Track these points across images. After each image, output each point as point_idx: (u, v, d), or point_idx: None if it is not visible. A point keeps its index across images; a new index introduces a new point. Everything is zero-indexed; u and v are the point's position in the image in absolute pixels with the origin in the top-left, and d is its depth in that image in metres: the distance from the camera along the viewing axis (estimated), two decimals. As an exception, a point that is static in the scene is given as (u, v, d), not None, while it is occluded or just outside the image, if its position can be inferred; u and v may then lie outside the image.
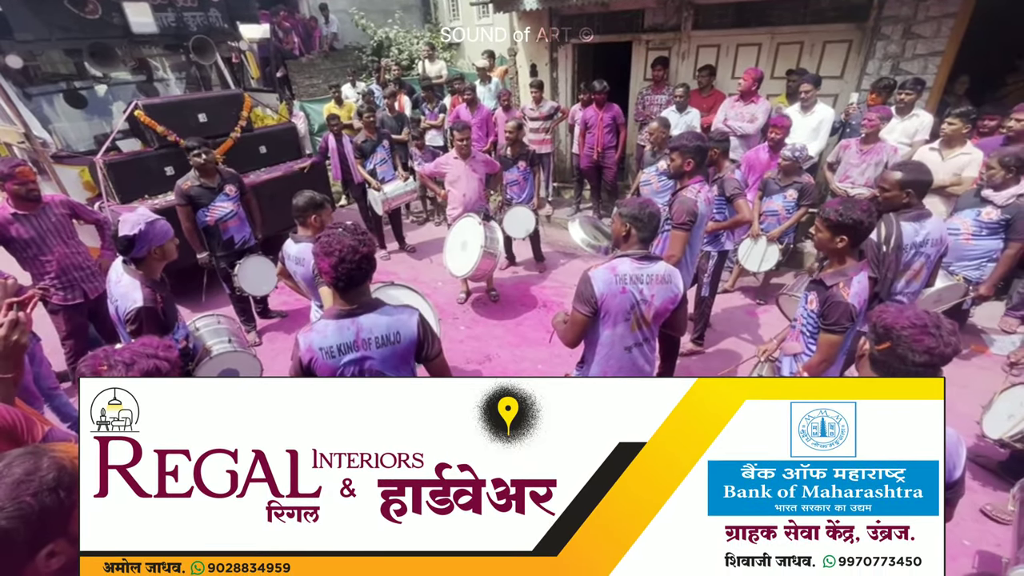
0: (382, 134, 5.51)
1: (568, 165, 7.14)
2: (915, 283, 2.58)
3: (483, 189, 4.36)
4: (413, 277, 5.30)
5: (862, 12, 4.84)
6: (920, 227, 2.46)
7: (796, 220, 4.09)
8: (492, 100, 6.74)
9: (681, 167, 2.79)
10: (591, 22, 6.34)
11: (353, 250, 1.56)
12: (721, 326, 4.17)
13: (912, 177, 2.47)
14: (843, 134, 4.68)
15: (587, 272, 2.04)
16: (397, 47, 10.40)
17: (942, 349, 1.27)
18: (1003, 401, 2.49)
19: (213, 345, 2.76)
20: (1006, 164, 3.10)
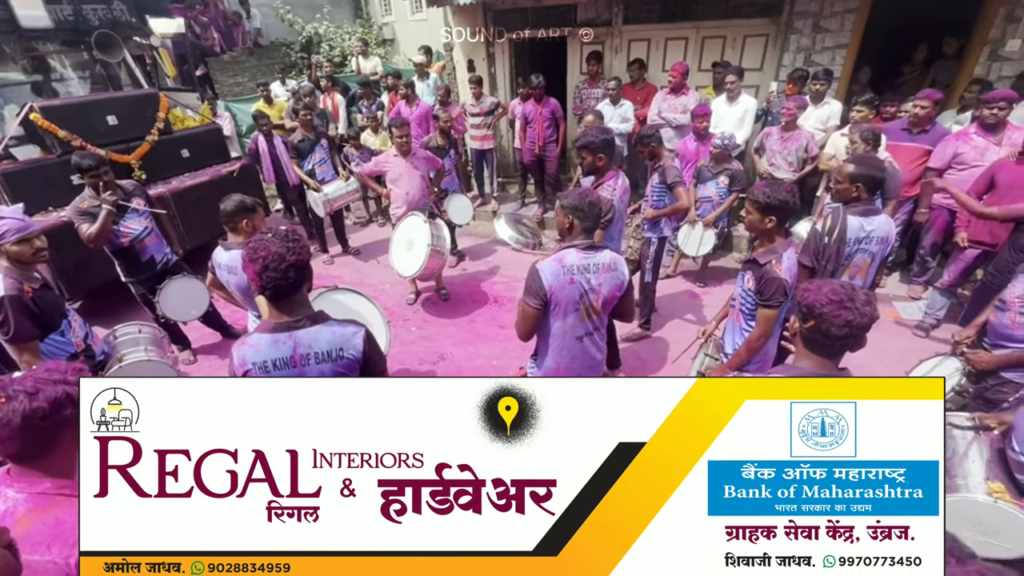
0: (320, 133, 5.29)
1: (511, 160, 7.16)
2: (858, 279, 2.57)
3: (426, 186, 4.29)
4: (359, 280, 5.14)
5: (776, 8, 5.16)
6: (867, 223, 2.48)
7: (729, 205, 4.31)
8: (431, 96, 6.63)
9: (593, 163, 2.83)
10: (525, 17, 6.38)
11: (279, 257, 1.44)
12: (666, 310, 4.34)
13: (863, 172, 2.48)
14: (765, 122, 4.99)
15: (534, 265, 2.05)
16: (328, 43, 9.99)
17: (859, 320, 1.34)
18: (934, 372, 2.58)
19: (127, 354, 2.56)
20: (865, 138, 3.43)
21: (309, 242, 5.71)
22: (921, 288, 4.27)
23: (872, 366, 3.20)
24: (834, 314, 1.34)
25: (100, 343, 2.58)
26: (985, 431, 1.94)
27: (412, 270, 4.06)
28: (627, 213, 3.01)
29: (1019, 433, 1.82)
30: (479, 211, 6.47)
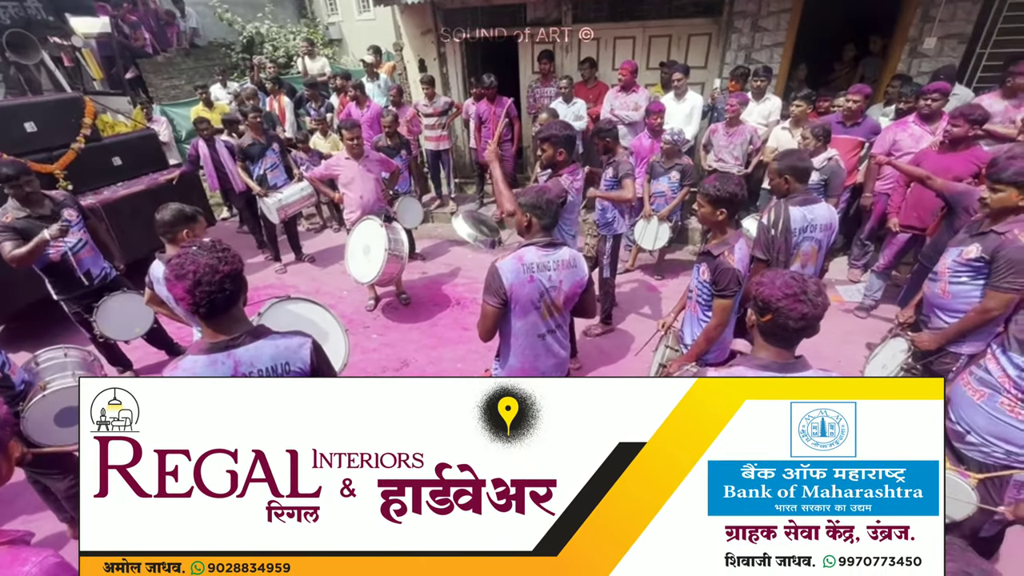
0: (271, 136, 5.04)
1: (467, 160, 7.11)
2: (809, 267, 2.73)
3: (381, 189, 4.18)
4: (314, 289, 4.96)
5: (716, 8, 5.36)
6: (808, 212, 2.62)
7: (681, 199, 4.43)
8: (382, 97, 6.49)
9: (554, 156, 2.86)
10: (476, 16, 6.34)
11: (212, 270, 1.31)
12: (626, 304, 4.41)
13: (786, 164, 2.65)
14: (711, 118, 5.16)
15: (494, 264, 2.03)
16: (271, 43, 9.62)
17: (813, 311, 1.37)
18: (883, 352, 2.76)
19: (51, 381, 2.34)
20: (816, 134, 3.63)
21: (261, 251, 5.52)
22: (860, 272, 4.53)
23: (819, 348, 3.36)
24: (790, 308, 1.36)
25: (19, 371, 2.35)
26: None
27: (370, 276, 3.95)
28: (580, 206, 3.03)
29: (954, 404, 1.94)
30: (437, 213, 6.39)
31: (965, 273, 2.40)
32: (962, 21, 4.78)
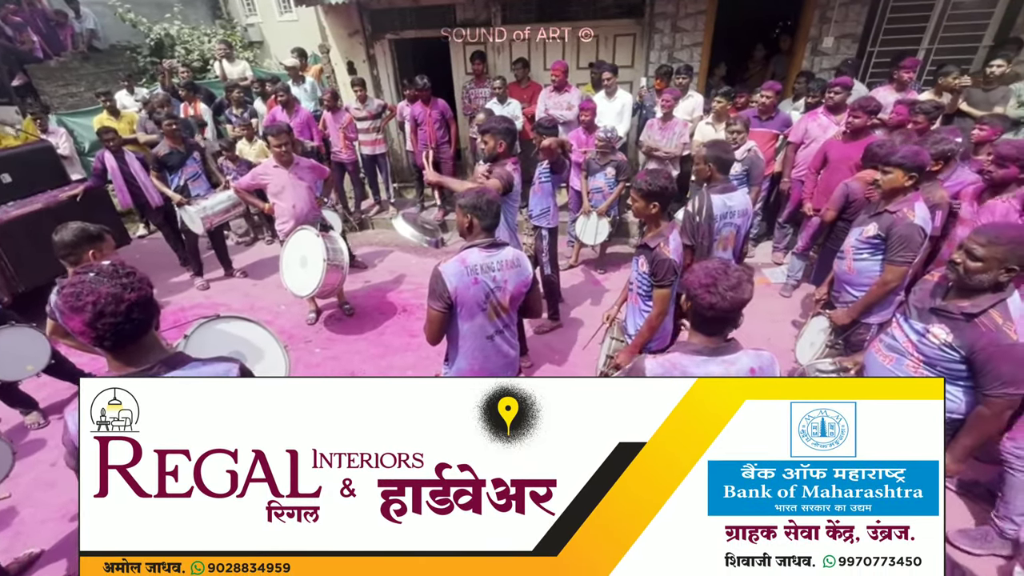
0: (191, 144, 4.68)
1: (405, 164, 6.98)
2: (728, 250, 2.94)
3: (314, 197, 4.01)
4: (248, 305, 4.69)
5: (639, 9, 5.58)
6: (728, 199, 2.82)
7: (617, 194, 4.57)
8: (310, 101, 6.23)
9: (495, 148, 2.93)
10: (404, 17, 6.24)
11: (115, 299, 1.16)
12: (572, 299, 4.50)
13: (713, 153, 2.84)
14: (641, 115, 5.37)
15: (437, 268, 2.00)
16: (183, 46, 8.96)
17: (721, 304, 1.42)
18: (808, 331, 2.99)
19: None
20: (737, 130, 3.90)
21: (186, 267, 5.13)
22: (782, 254, 4.88)
23: (750, 329, 3.57)
24: (701, 297, 1.43)
25: None
26: (844, 372, 2.25)
27: (309, 288, 3.78)
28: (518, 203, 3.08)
29: (868, 370, 2.13)
30: (377, 219, 6.23)
31: (866, 250, 2.66)
32: (853, 22, 5.26)
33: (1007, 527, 2.19)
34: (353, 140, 5.73)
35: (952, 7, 5.13)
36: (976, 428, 1.83)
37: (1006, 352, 1.68)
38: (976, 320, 1.73)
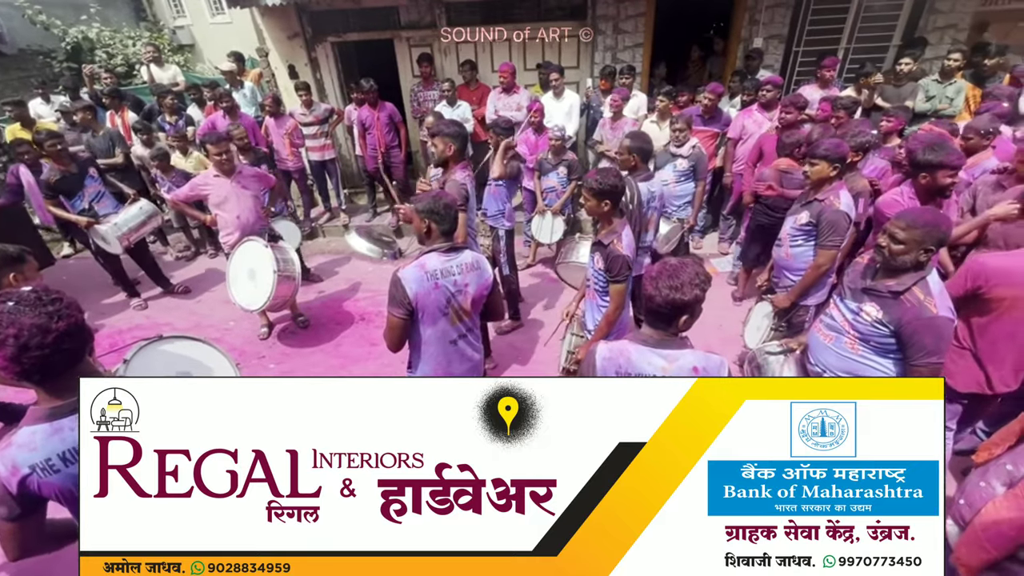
0: (85, 161, 4.25)
1: (355, 169, 6.81)
2: (651, 231, 3.18)
3: (260, 207, 3.85)
4: (194, 324, 4.43)
5: (581, 12, 5.70)
6: (650, 186, 3.03)
7: (571, 193, 4.64)
8: (250, 107, 5.97)
9: (444, 152, 2.91)
10: (346, 19, 6.09)
11: (41, 330, 1.07)
12: (532, 298, 4.55)
13: (636, 144, 3.05)
14: (589, 115, 5.49)
15: (396, 274, 1.97)
16: (104, 50, 8.38)
17: (656, 297, 1.46)
18: (753, 316, 3.17)
19: None
20: (679, 128, 4.07)
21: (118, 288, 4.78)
22: (728, 244, 5.13)
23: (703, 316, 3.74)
24: (644, 286, 1.50)
25: None
26: (791, 352, 2.40)
27: (259, 302, 3.62)
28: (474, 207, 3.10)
29: (811, 349, 2.28)
30: (328, 227, 6.05)
31: (800, 237, 2.85)
32: (779, 24, 5.60)
33: None
34: (299, 146, 5.55)
35: (864, 10, 5.57)
36: None
37: (927, 324, 1.84)
38: (902, 297, 1.89)
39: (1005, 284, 1.90)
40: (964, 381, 2.17)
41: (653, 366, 1.52)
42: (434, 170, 4.34)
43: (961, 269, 2.02)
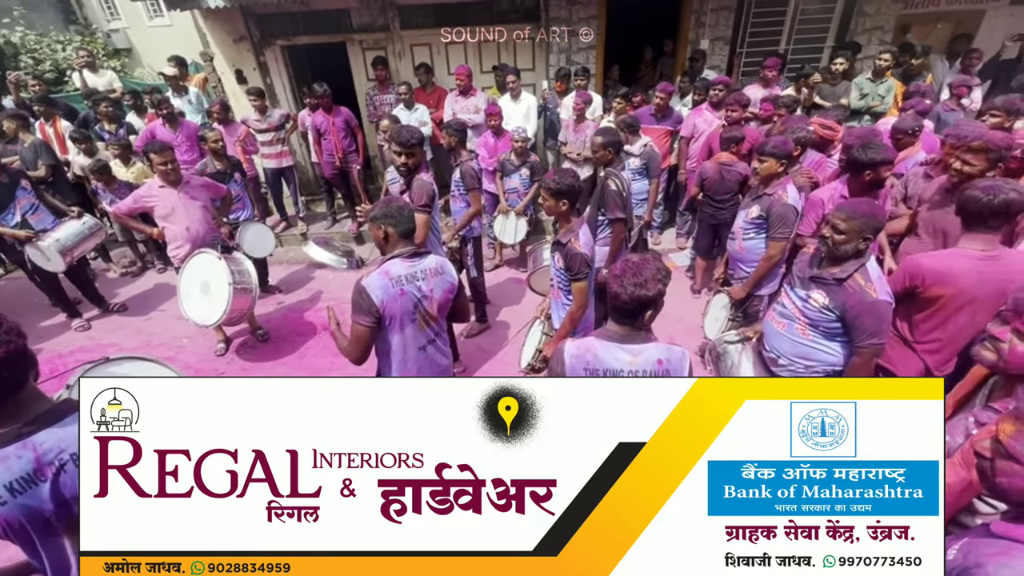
0: (13, 173, 3.98)
1: (312, 176, 6.64)
2: None
3: (211, 217, 3.69)
4: (143, 343, 4.21)
5: (535, 14, 5.76)
6: (629, 177, 3.17)
7: (534, 193, 4.67)
8: (195, 114, 5.73)
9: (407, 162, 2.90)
10: (295, 22, 5.93)
11: None
12: (498, 300, 4.56)
13: (608, 139, 3.16)
14: (546, 116, 5.55)
15: (360, 282, 1.94)
16: (30, 55, 7.84)
17: (621, 294, 1.50)
18: (712, 308, 3.28)
19: None
20: (622, 127, 4.19)
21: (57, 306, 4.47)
22: (684, 239, 5.30)
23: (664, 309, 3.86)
24: (609, 284, 1.55)
25: None
26: (748, 341, 2.50)
27: (214, 316, 3.48)
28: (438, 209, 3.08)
29: (766, 336, 2.39)
30: (286, 236, 5.87)
31: (752, 230, 2.99)
32: (724, 26, 5.84)
33: None
34: (252, 154, 5.36)
35: (800, 13, 5.89)
36: (852, 376, 2.12)
37: (869, 308, 1.96)
38: (845, 283, 2.01)
39: (939, 284, 2.04)
40: (905, 369, 2.31)
41: (619, 361, 1.56)
42: (391, 174, 4.30)
43: (900, 268, 2.14)
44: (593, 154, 3.28)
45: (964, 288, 2.02)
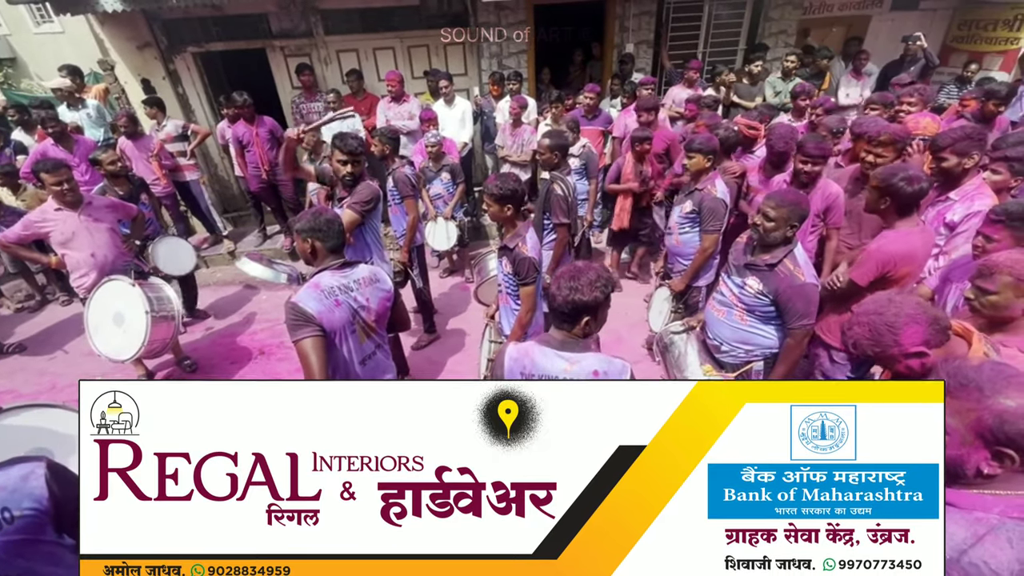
0: None
1: (236, 191, 6.23)
2: None
3: (120, 240, 3.34)
4: (48, 386, 3.75)
5: (463, 20, 5.73)
6: (573, 180, 3.18)
7: (459, 197, 4.57)
8: (97, 128, 5.21)
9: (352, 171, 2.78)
10: (207, 28, 5.55)
11: None
12: (445, 309, 4.46)
13: (555, 142, 3.19)
14: (482, 121, 5.53)
15: (290, 300, 1.82)
16: None
17: (557, 296, 1.50)
18: (655, 302, 3.37)
19: None
20: (570, 127, 4.30)
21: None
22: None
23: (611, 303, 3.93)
24: (551, 288, 1.55)
25: None
26: (691, 330, 2.58)
27: (131, 350, 3.13)
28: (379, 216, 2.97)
29: (708, 324, 2.47)
30: (212, 256, 5.46)
31: (687, 224, 3.11)
32: (646, 30, 6.09)
33: None
34: (171, 168, 4.95)
35: (714, 18, 6.25)
36: (787, 357, 2.23)
37: (798, 291, 2.08)
38: (776, 269, 2.12)
39: (907, 263, 2.20)
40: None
41: (555, 367, 1.55)
42: (312, 185, 4.10)
43: (869, 260, 2.24)
44: (539, 156, 3.28)
45: (921, 261, 2.25)
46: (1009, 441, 0.97)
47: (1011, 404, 0.98)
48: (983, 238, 2.00)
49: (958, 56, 7.02)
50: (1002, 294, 1.62)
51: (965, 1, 6.89)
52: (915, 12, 6.95)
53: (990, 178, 2.52)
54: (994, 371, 1.03)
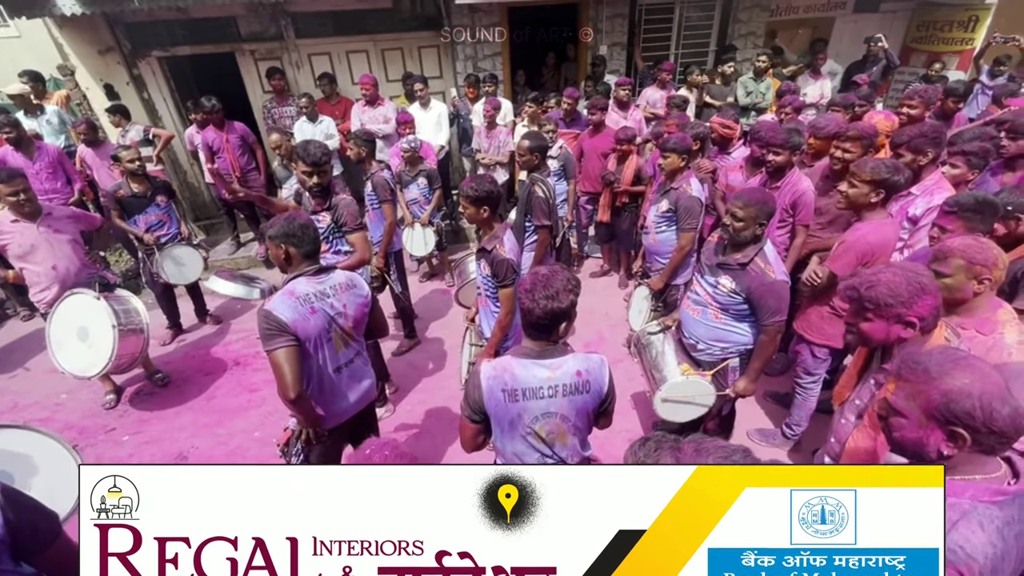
0: None
1: (207, 198, 6.08)
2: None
3: (83, 252, 3.22)
4: (9, 406, 3.60)
5: (437, 22, 5.71)
6: (552, 181, 3.17)
7: (437, 202, 4.54)
8: (59, 135, 5.03)
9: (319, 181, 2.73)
10: (173, 31, 5.41)
11: None
12: (425, 314, 4.42)
13: (535, 143, 3.20)
14: (458, 123, 5.51)
15: (263, 308, 1.78)
16: None
17: (535, 309, 1.48)
18: (634, 301, 3.38)
19: None
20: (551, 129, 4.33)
21: None
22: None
23: (591, 304, 3.94)
24: (521, 301, 1.53)
25: None
26: (668, 330, 2.61)
27: (98, 365, 3.02)
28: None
29: (684, 323, 2.50)
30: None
31: (664, 223, 3.14)
32: (619, 32, 6.15)
33: (787, 431, 2.88)
34: None
35: (685, 20, 6.36)
36: (761, 353, 2.28)
37: (769, 288, 2.12)
38: (747, 267, 2.15)
39: (883, 253, 2.27)
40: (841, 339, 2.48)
41: (538, 378, 1.54)
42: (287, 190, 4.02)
43: (848, 252, 2.32)
44: (519, 158, 3.28)
45: (891, 251, 2.34)
46: (957, 419, 1.03)
47: (956, 384, 1.04)
48: (938, 228, 2.09)
49: (918, 56, 7.30)
50: (955, 276, 1.69)
51: (922, 3, 7.15)
52: (876, 14, 7.19)
53: (948, 172, 2.62)
54: (942, 355, 1.10)
